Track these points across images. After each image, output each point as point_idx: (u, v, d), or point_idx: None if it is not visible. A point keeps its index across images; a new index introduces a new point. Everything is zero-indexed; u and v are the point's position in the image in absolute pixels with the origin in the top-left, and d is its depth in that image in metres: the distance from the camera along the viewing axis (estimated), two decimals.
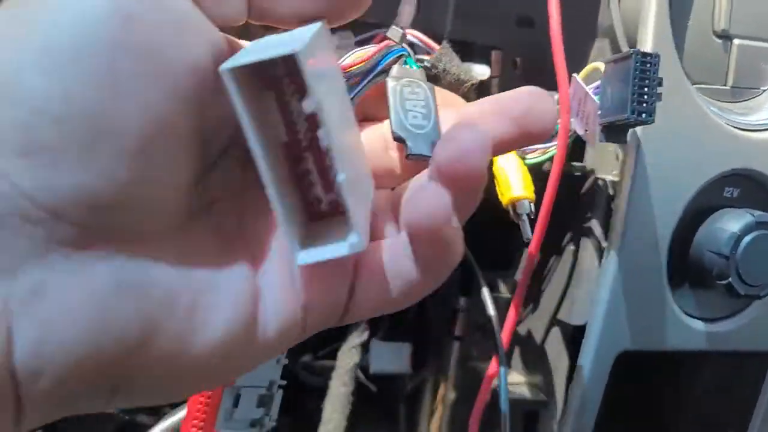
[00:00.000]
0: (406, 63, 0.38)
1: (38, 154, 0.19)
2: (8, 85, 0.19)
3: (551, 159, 0.40)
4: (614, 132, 0.37)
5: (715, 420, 0.49)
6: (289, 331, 0.24)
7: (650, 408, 0.47)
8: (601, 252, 0.42)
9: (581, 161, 0.44)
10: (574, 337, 0.44)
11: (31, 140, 0.19)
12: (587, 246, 0.43)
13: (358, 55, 0.37)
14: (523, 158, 0.42)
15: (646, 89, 0.35)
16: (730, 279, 0.41)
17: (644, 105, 0.35)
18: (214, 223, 0.24)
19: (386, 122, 0.32)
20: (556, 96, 0.43)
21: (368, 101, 0.33)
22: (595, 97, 0.38)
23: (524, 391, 0.46)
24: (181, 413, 0.50)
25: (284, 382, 0.39)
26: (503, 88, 0.49)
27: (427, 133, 0.32)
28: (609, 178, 0.42)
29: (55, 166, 0.19)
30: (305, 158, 0.25)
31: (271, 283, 0.24)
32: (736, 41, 0.45)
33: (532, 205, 0.40)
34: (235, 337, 0.22)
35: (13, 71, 0.19)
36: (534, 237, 0.41)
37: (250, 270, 0.24)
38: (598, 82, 0.39)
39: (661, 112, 0.41)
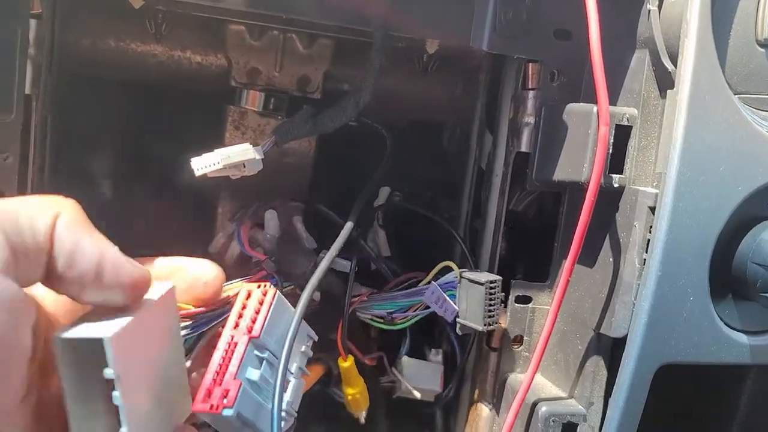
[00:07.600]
0: None
1: None
2: None
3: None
4: (469, 330, 0.48)
5: None
6: None
7: (692, 421, 0.46)
8: (641, 264, 0.41)
9: (621, 172, 0.43)
10: (614, 349, 0.44)
11: None
12: (627, 258, 0.43)
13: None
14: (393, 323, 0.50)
15: (494, 306, 0.46)
16: None
17: (493, 317, 0.47)
18: None
19: None
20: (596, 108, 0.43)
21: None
22: (454, 305, 0.48)
23: (563, 404, 0.46)
24: None
25: None
26: (542, 99, 0.49)
27: None
28: (649, 189, 0.42)
29: None
30: None
31: None
32: None
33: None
34: None
35: None
36: (570, 254, 0.41)
37: None
38: (453, 281, 0.48)
39: (703, 123, 0.40)
